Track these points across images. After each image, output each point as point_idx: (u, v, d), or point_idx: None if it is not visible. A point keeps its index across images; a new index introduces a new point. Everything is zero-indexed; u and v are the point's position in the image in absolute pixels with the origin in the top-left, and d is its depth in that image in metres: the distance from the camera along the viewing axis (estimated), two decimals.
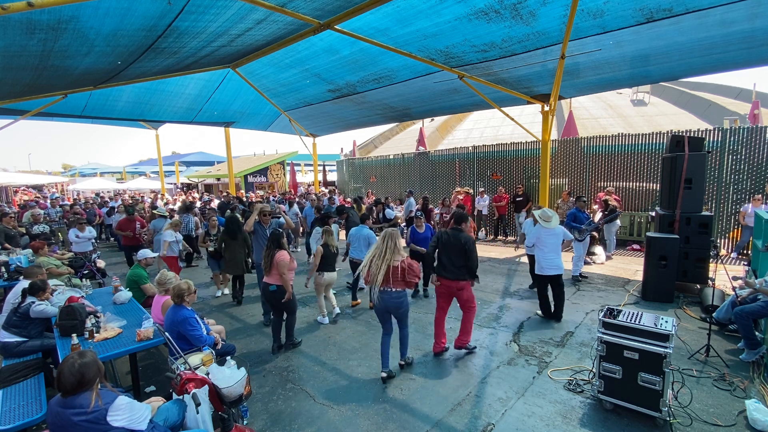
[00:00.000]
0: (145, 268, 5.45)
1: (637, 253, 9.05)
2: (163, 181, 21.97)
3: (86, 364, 2.19)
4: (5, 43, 5.12)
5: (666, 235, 6.12)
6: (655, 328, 3.12)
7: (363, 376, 4.17)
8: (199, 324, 3.60)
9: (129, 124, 15.15)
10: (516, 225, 10.99)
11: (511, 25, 6.22)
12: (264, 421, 3.46)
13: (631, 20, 5.78)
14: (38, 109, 9.31)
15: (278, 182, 23.13)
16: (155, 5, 4.91)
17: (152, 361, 4.73)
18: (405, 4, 5.96)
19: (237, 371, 2.99)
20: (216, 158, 39.77)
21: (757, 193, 7.89)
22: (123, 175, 38.13)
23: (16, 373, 3.56)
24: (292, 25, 6.74)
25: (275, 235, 4.75)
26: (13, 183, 20.35)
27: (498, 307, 6.03)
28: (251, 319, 5.93)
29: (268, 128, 15.41)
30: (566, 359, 4.34)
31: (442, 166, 13.84)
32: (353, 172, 18.04)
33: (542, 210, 5.66)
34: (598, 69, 7.61)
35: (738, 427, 3.15)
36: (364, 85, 9.92)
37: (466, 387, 3.88)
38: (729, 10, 5.35)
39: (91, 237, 8.01)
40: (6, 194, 20.60)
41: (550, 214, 5.49)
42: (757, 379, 3.81)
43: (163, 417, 2.56)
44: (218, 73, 10.21)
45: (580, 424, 3.26)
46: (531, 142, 11.06)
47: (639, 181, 9.60)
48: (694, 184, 6.15)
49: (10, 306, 4.26)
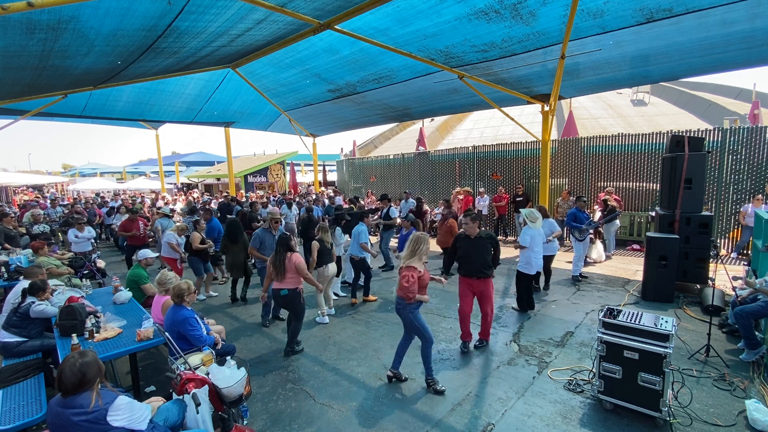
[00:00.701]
0: (145, 268, 5.45)
1: (637, 253, 9.06)
2: (163, 181, 21.98)
3: (87, 364, 2.19)
4: (5, 43, 5.12)
5: (666, 235, 6.12)
6: (655, 328, 3.12)
7: (363, 376, 4.17)
8: (199, 324, 3.60)
9: (129, 124, 15.15)
10: (516, 225, 10.99)
11: (511, 25, 6.22)
12: (264, 421, 3.46)
13: (631, 20, 5.78)
14: (38, 109, 9.31)
15: (278, 182, 23.13)
16: (155, 5, 4.91)
17: (152, 361, 4.73)
18: (405, 4, 5.96)
19: (237, 371, 2.99)
20: (216, 158, 39.77)
21: (757, 193, 7.89)
22: (123, 175, 38.16)
23: (16, 373, 3.56)
24: (292, 25, 6.74)
25: (284, 238, 4.63)
26: (13, 183, 20.37)
27: (498, 307, 6.02)
28: (251, 319, 5.93)
29: (268, 128, 15.41)
30: (566, 359, 4.34)
31: (442, 166, 13.84)
32: (353, 172, 18.04)
33: (530, 210, 5.78)
34: (598, 69, 7.61)
35: (738, 427, 3.15)
36: (364, 85, 9.92)
37: (466, 387, 3.88)
38: (729, 10, 5.35)
39: (91, 237, 8.01)
40: (6, 194, 20.61)
41: (537, 215, 5.66)
42: (757, 379, 3.81)
43: (163, 417, 2.56)
44: (218, 73, 10.21)
45: (580, 424, 3.26)
46: (531, 142, 11.06)
47: (639, 181, 9.60)
48: (694, 184, 6.15)
49: (10, 306, 4.26)
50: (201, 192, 22.17)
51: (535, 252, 5.52)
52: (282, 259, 4.48)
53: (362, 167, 17.53)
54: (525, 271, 5.58)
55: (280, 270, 4.47)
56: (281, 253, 4.52)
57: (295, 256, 4.55)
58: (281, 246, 4.56)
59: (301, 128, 14.96)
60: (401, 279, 3.67)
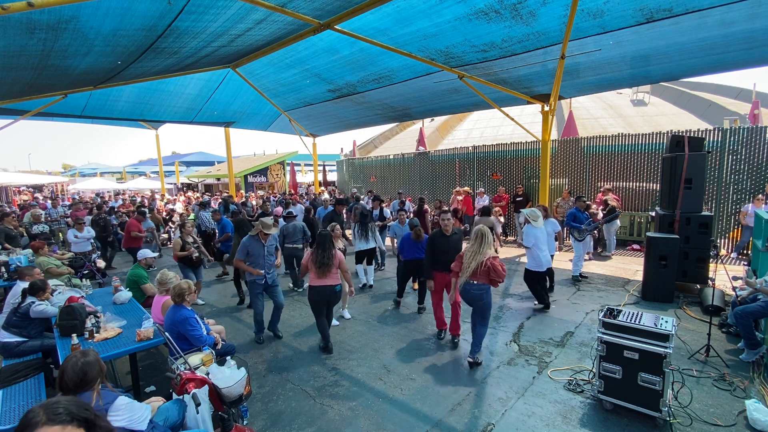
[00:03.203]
0: (145, 268, 5.45)
1: (637, 253, 9.06)
2: (163, 181, 21.98)
3: (89, 364, 2.19)
4: (5, 43, 5.12)
5: (666, 235, 6.12)
6: (655, 328, 3.12)
7: (363, 376, 4.17)
8: (199, 324, 3.60)
9: (129, 124, 15.14)
10: (516, 225, 10.99)
11: (511, 25, 6.22)
12: (264, 421, 3.46)
13: (631, 20, 5.78)
14: (38, 109, 9.30)
15: (278, 182, 23.13)
16: (155, 5, 4.91)
17: (152, 361, 4.72)
18: (405, 4, 5.96)
19: (237, 371, 2.99)
20: (216, 158, 39.74)
21: (757, 193, 7.89)
22: (123, 175, 38.11)
23: (16, 373, 3.56)
24: (292, 25, 6.74)
25: (327, 236, 4.63)
26: (13, 183, 20.36)
27: (498, 307, 6.02)
28: (251, 320, 5.92)
29: (268, 128, 15.41)
30: (566, 359, 4.34)
31: (442, 166, 13.84)
32: (353, 172, 18.04)
33: (531, 210, 5.84)
34: (598, 69, 7.61)
35: (738, 427, 3.15)
36: (364, 85, 9.91)
37: (466, 387, 3.88)
38: (729, 11, 5.35)
39: (90, 237, 8.01)
40: (6, 194, 20.60)
41: (538, 213, 5.76)
42: (757, 379, 3.81)
43: (163, 417, 2.56)
44: (218, 73, 10.20)
45: (580, 424, 3.26)
46: (531, 142, 11.06)
47: (639, 181, 9.60)
48: (694, 184, 6.15)
49: (10, 306, 4.26)
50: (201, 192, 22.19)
51: (542, 250, 5.65)
52: (331, 256, 4.52)
53: (362, 167, 17.53)
54: (536, 269, 5.73)
55: (329, 267, 4.50)
56: (329, 249, 4.54)
57: (339, 253, 4.71)
58: (328, 242, 4.60)
59: (301, 128, 14.96)
60: (498, 265, 4.03)
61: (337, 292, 4.67)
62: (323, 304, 4.65)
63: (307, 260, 4.72)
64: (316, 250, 4.61)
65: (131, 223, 8.62)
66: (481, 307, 4.22)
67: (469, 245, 4.24)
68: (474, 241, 4.17)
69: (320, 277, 4.55)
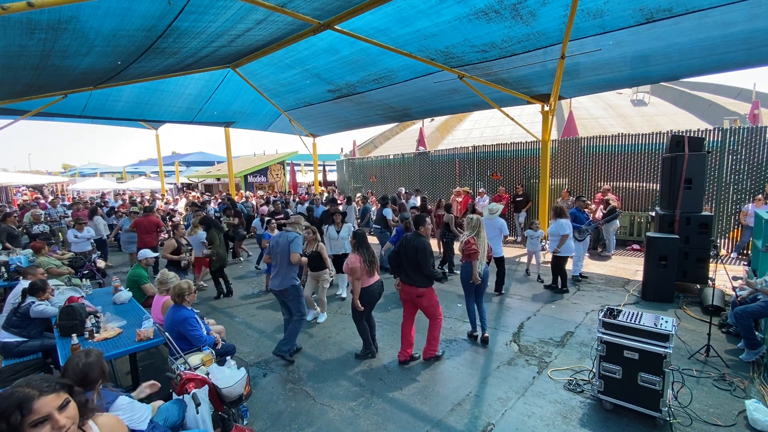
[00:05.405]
0: (145, 268, 5.45)
1: (637, 253, 9.05)
2: (163, 181, 21.99)
3: (90, 365, 2.19)
4: (5, 43, 5.13)
5: (666, 235, 6.12)
6: (655, 328, 3.12)
7: (363, 376, 4.17)
8: (199, 324, 3.60)
9: (129, 124, 15.15)
10: (516, 225, 10.99)
11: (511, 25, 6.23)
12: (264, 421, 3.46)
13: (631, 20, 5.79)
14: (38, 109, 9.32)
15: (278, 182, 23.14)
16: (155, 5, 4.92)
17: (152, 361, 4.72)
18: (405, 4, 5.96)
19: (237, 371, 2.99)
20: (216, 158, 39.75)
21: (757, 192, 7.89)
22: (123, 175, 38.10)
23: (16, 373, 3.57)
24: (292, 25, 6.74)
25: (364, 234, 4.63)
26: (12, 183, 20.36)
27: (498, 307, 6.02)
28: (251, 320, 5.94)
29: (268, 128, 15.42)
30: (566, 359, 4.34)
31: (442, 166, 13.84)
32: (353, 172, 18.05)
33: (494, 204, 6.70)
34: (598, 69, 7.62)
35: (738, 427, 3.15)
36: (364, 85, 9.92)
37: (466, 387, 3.88)
38: (729, 11, 5.35)
39: (90, 237, 8.01)
40: (6, 194, 20.61)
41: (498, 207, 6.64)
42: (757, 379, 3.81)
43: (163, 417, 2.56)
44: (218, 73, 10.21)
45: (580, 424, 3.26)
46: (531, 142, 11.05)
47: (639, 181, 9.60)
48: (694, 184, 6.15)
49: (10, 306, 4.26)
50: (201, 192, 22.18)
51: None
52: (372, 252, 4.54)
53: (362, 167, 17.53)
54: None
55: (375, 263, 4.52)
56: (370, 247, 4.54)
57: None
58: (367, 240, 4.59)
59: (301, 128, 14.97)
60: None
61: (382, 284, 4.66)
62: (375, 302, 4.62)
63: (355, 263, 4.34)
64: (360, 249, 4.42)
65: (151, 220, 7.95)
66: (485, 286, 4.75)
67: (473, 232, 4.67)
68: (478, 228, 4.67)
69: (370, 275, 4.45)
